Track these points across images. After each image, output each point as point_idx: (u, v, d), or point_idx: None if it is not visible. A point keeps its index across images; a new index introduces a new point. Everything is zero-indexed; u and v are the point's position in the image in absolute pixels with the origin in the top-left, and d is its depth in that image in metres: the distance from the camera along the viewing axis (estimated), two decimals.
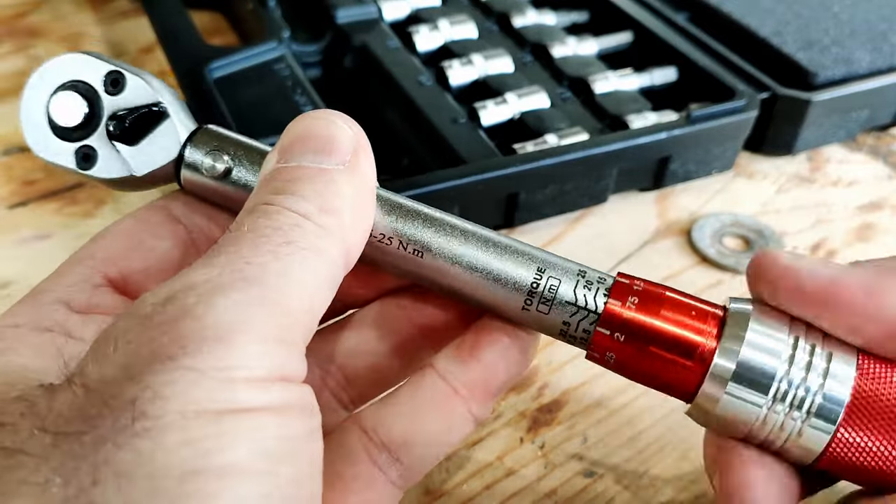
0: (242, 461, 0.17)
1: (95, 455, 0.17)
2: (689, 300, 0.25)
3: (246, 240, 0.20)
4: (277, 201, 0.21)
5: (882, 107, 0.55)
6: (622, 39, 0.57)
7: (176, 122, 0.25)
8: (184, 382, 0.17)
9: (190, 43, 0.49)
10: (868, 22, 0.56)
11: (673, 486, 0.33)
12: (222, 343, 0.18)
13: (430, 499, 0.32)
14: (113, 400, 0.17)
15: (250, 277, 0.19)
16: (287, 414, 0.19)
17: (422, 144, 0.47)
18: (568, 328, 0.24)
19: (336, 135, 0.23)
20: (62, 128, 0.25)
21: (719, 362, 0.23)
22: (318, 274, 0.21)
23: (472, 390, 0.25)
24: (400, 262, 0.24)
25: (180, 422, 0.17)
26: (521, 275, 0.24)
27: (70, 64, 0.25)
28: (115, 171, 0.25)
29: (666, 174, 0.49)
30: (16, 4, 0.64)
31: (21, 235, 0.44)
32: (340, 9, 0.54)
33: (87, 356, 0.19)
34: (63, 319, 0.22)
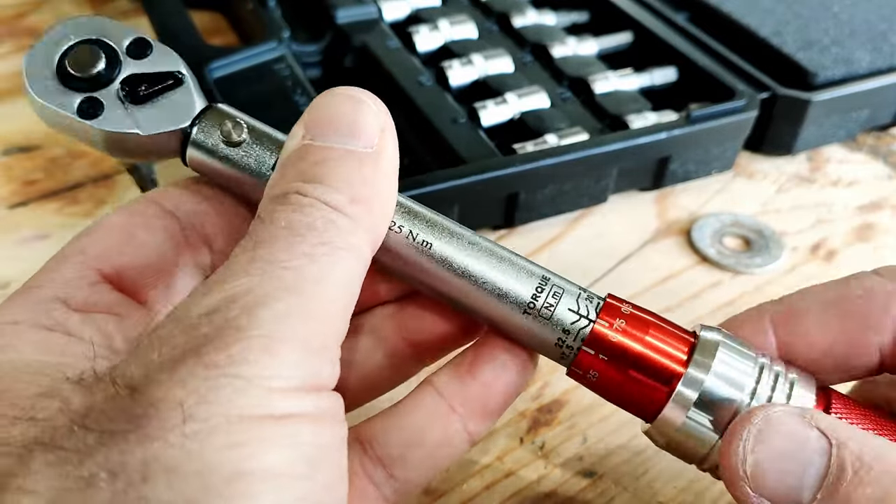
0: (283, 466, 0.18)
1: (144, 452, 0.17)
2: (668, 326, 0.25)
3: (281, 237, 0.20)
4: (309, 191, 0.21)
5: (882, 107, 0.55)
6: (622, 39, 0.57)
7: (194, 92, 0.25)
8: (229, 389, 0.18)
9: (190, 43, 0.49)
10: (868, 22, 0.56)
11: (673, 486, 0.33)
12: (265, 353, 0.18)
13: (430, 499, 0.32)
14: (160, 402, 0.18)
15: (289, 286, 0.19)
16: (321, 422, 0.19)
17: (422, 144, 0.47)
18: (563, 343, 0.24)
19: (364, 116, 0.23)
20: (73, 76, 0.24)
21: (683, 389, 0.24)
22: (352, 272, 0.21)
23: (470, 408, 0.25)
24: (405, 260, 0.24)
25: (226, 426, 0.18)
26: (522, 286, 0.24)
27: (96, 23, 0.25)
28: (119, 126, 0.24)
29: (666, 174, 0.49)
30: (16, 4, 0.64)
31: (21, 235, 0.44)
32: (340, 9, 0.54)
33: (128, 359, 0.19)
34: (63, 318, 0.22)
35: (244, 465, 0.17)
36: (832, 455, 0.21)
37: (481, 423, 0.25)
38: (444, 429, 0.25)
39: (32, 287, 0.23)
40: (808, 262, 0.46)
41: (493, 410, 0.25)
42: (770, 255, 0.45)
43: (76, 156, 0.49)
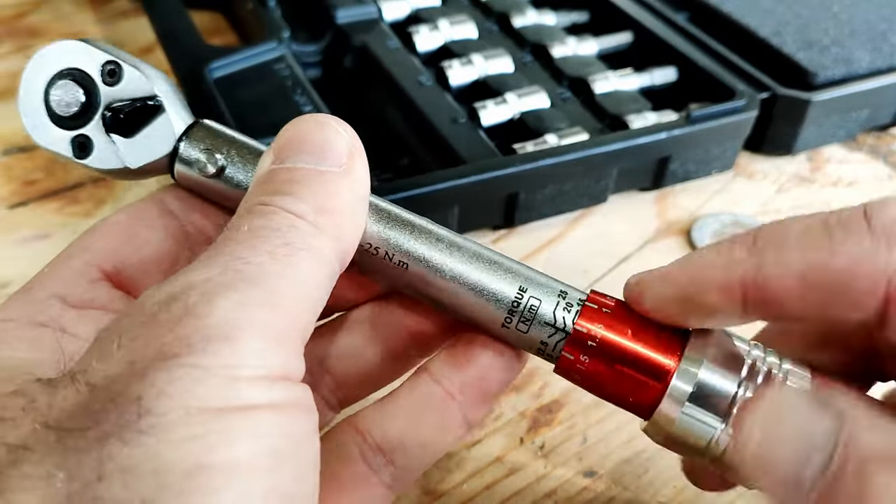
0: (246, 458, 0.17)
1: (100, 450, 0.17)
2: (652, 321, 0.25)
3: (243, 240, 0.20)
4: (274, 202, 0.21)
5: (882, 107, 0.55)
6: (622, 39, 0.57)
7: (172, 116, 0.25)
8: (188, 380, 0.17)
9: (190, 43, 0.49)
10: (868, 22, 0.56)
11: (673, 485, 0.33)
12: (226, 341, 0.18)
13: (430, 499, 0.32)
14: (118, 397, 0.17)
15: (249, 278, 0.19)
16: (289, 412, 0.19)
17: (422, 144, 0.47)
18: (546, 347, 0.24)
19: (331, 138, 0.23)
20: (59, 116, 0.25)
21: (677, 384, 0.24)
22: (315, 274, 0.21)
23: (467, 393, 0.25)
24: (385, 273, 0.25)
25: (185, 418, 0.17)
26: (503, 292, 0.24)
27: (68, 51, 0.25)
28: (110, 163, 0.25)
29: (666, 174, 0.49)
30: (16, 4, 0.64)
31: (21, 235, 0.44)
32: (340, 9, 0.54)
33: (89, 353, 0.19)
34: (58, 315, 0.22)
35: (203, 458, 0.17)
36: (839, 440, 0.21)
37: (479, 407, 0.25)
38: (442, 415, 0.25)
39: (31, 285, 0.23)
40: None
41: (490, 395, 0.25)
42: None
43: None
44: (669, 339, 0.25)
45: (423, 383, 0.25)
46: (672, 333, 0.25)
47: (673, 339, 0.25)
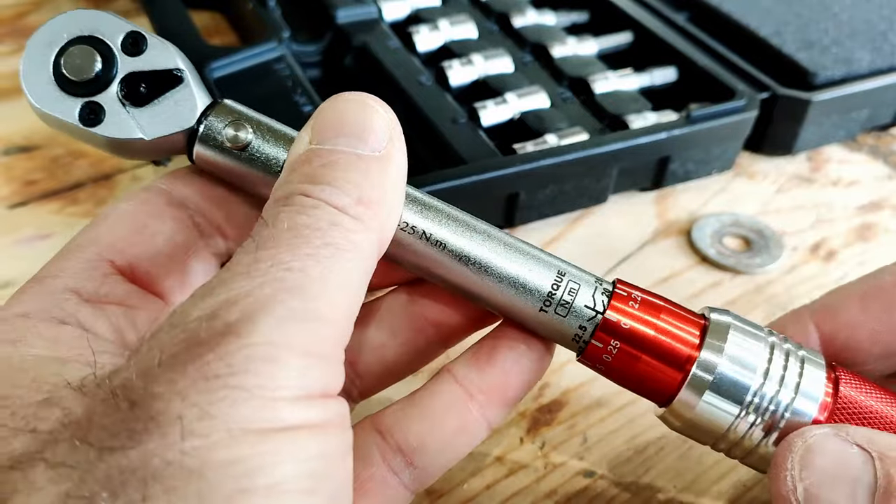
0: (287, 480, 0.18)
1: (144, 470, 0.17)
2: (678, 310, 0.25)
3: (284, 239, 0.20)
4: (315, 193, 0.21)
5: (882, 107, 0.55)
6: (622, 39, 0.57)
7: (195, 91, 0.24)
8: (230, 401, 0.17)
9: (190, 43, 0.49)
10: (868, 22, 0.56)
11: (673, 485, 0.33)
12: (266, 362, 0.18)
13: (431, 499, 0.32)
14: (160, 416, 0.17)
15: (291, 287, 0.19)
16: (326, 431, 0.19)
17: (422, 144, 0.47)
18: (583, 333, 0.24)
19: (372, 120, 0.22)
20: (70, 81, 0.23)
21: (698, 372, 0.24)
22: (357, 274, 0.21)
23: (489, 396, 0.25)
24: (419, 256, 0.24)
25: (227, 441, 0.17)
26: (541, 278, 0.24)
27: (88, 18, 0.24)
28: (122, 132, 0.23)
29: (666, 174, 0.49)
30: (16, 4, 0.64)
31: (21, 235, 0.44)
32: (340, 9, 0.54)
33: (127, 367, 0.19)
34: (74, 310, 0.22)
35: (245, 482, 0.17)
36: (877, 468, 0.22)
37: (499, 410, 0.25)
38: (463, 417, 0.25)
39: (44, 277, 0.23)
40: (808, 262, 0.46)
41: (511, 398, 0.26)
42: (770, 255, 0.45)
43: (76, 156, 0.49)
44: (690, 327, 0.25)
45: (445, 385, 0.25)
46: (692, 320, 0.25)
47: (693, 326, 0.25)
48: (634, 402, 0.37)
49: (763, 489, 0.34)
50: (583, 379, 0.38)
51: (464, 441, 0.25)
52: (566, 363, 0.38)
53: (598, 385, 0.37)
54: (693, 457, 0.34)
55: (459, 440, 0.25)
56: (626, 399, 0.37)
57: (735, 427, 0.24)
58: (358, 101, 0.23)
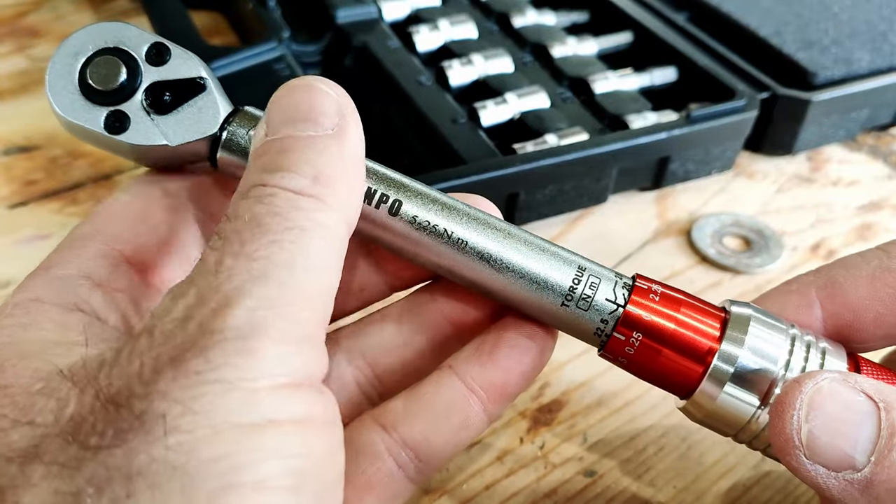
0: (272, 477, 0.18)
1: (129, 467, 0.17)
2: (698, 303, 0.25)
3: (246, 230, 0.20)
4: (270, 181, 0.21)
5: (882, 107, 0.55)
6: (622, 39, 0.57)
7: (217, 98, 0.25)
8: (212, 395, 0.17)
9: (190, 43, 0.49)
10: (868, 22, 0.56)
11: (673, 486, 0.33)
12: (243, 354, 0.18)
13: (431, 499, 0.32)
14: (143, 415, 0.17)
15: (258, 276, 0.19)
16: (311, 428, 0.19)
17: (422, 144, 0.47)
18: (605, 326, 0.25)
19: (320, 101, 0.22)
20: (96, 90, 0.24)
21: (719, 364, 0.24)
22: (325, 252, 0.20)
23: (489, 391, 0.25)
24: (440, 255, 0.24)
25: (212, 436, 0.17)
26: (561, 274, 0.25)
27: (113, 30, 0.25)
28: (147, 139, 0.24)
29: (666, 174, 0.49)
30: (16, 4, 0.64)
31: (21, 235, 0.44)
32: (340, 9, 0.54)
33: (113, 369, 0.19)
34: (87, 296, 0.22)
35: (230, 478, 0.17)
36: (881, 418, 0.22)
37: (500, 405, 0.26)
38: (466, 412, 0.25)
39: (51, 266, 0.23)
40: (808, 262, 0.45)
41: (511, 393, 0.26)
42: (770, 255, 0.45)
43: (76, 156, 0.49)
44: (711, 319, 0.25)
45: (448, 381, 0.25)
46: (712, 312, 0.25)
47: (714, 318, 0.25)
48: (634, 401, 0.37)
49: (763, 489, 0.34)
50: (583, 379, 0.38)
51: (466, 435, 0.26)
52: (566, 363, 0.38)
53: (598, 385, 0.37)
54: (693, 457, 0.34)
55: (461, 434, 0.25)
56: (626, 399, 0.37)
57: (757, 418, 0.24)
58: (304, 85, 0.23)
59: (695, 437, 0.35)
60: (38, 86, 0.55)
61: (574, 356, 0.38)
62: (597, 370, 0.38)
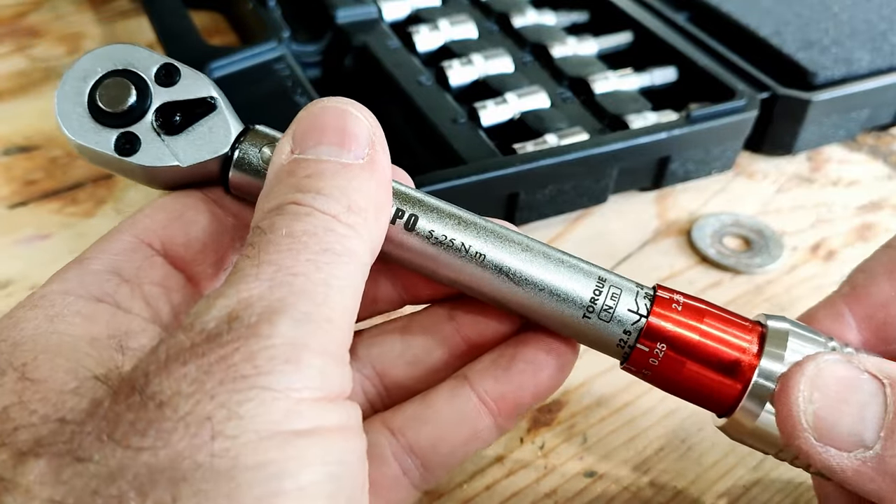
0: (314, 483, 0.18)
1: (173, 471, 0.17)
2: (729, 315, 0.25)
3: (284, 245, 0.20)
4: (306, 201, 0.21)
5: (882, 107, 0.55)
6: (622, 39, 0.57)
7: (228, 118, 0.24)
8: (258, 402, 0.17)
9: (190, 43, 0.49)
10: (868, 22, 0.56)
11: (673, 486, 0.33)
12: (291, 363, 0.18)
13: (430, 499, 0.32)
14: (188, 416, 0.17)
15: (299, 291, 0.19)
16: (347, 435, 0.19)
17: (422, 144, 0.47)
18: (628, 338, 0.24)
19: (353, 127, 0.22)
20: (105, 112, 0.24)
21: (759, 381, 0.24)
22: (354, 279, 0.21)
23: (502, 405, 0.25)
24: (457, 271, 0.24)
25: (257, 443, 0.17)
26: (582, 286, 0.24)
27: (122, 52, 0.24)
28: (158, 160, 0.24)
29: (666, 174, 0.49)
30: (16, 4, 0.64)
31: (21, 235, 0.44)
32: (340, 9, 0.54)
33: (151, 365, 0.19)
34: (113, 290, 0.22)
35: (275, 485, 0.17)
36: (887, 394, 0.22)
37: (511, 419, 0.26)
38: (476, 424, 0.25)
39: (84, 259, 0.23)
40: (808, 262, 0.46)
41: (524, 408, 0.26)
42: (770, 255, 0.45)
43: (76, 156, 0.49)
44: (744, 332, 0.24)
45: (461, 391, 0.25)
46: (746, 326, 0.24)
47: (748, 331, 0.24)
48: (634, 402, 0.37)
49: (762, 489, 0.34)
50: (583, 379, 0.38)
51: (474, 446, 0.25)
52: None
53: (598, 385, 0.37)
54: (693, 457, 0.35)
55: (470, 445, 0.25)
56: (626, 399, 0.37)
57: None
58: (337, 107, 0.23)
59: (695, 437, 0.35)
60: (38, 86, 0.55)
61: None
62: (597, 370, 0.38)
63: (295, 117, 0.23)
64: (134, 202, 0.46)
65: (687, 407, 0.33)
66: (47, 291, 0.22)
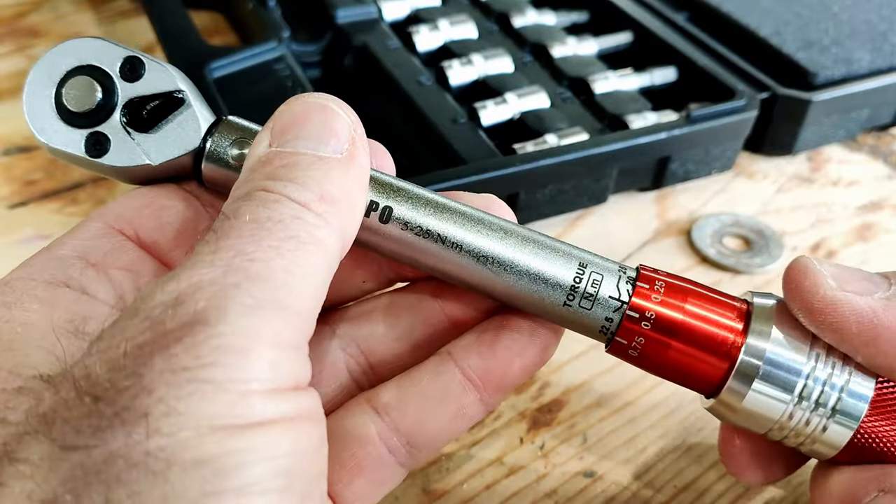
0: (259, 480, 0.17)
1: (107, 472, 0.16)
2: (714, 294, 0.24)
3: (246, 231, 0.19)
4: (276, 188, 0.20)
5: (882, 107, 0.55)
6: (622, 39, 0.57)
7: (197, 111, 0.24)
8: (199, 396, 0.17)
9: (190, 43, 0.49)
10: (868, 22, 0.56)
11: (673, 485, 0.33)
12: (238, 354, 0.17)
13: (430, 499, 0.32)
14: (124, 412, 0.16)
15: (256, 276, 0.18)
16: (299, 426, 0.18)
17: (422, 144, 0.47)
18: (610, 324, 0.24)
19: (333, 123, 0.22)
20: (73, 113, 0.24)
21: (746, 359, 0.23)
22: (321, 269, 0.20)
23: (487, 381, 0.25)
24: (435, 259, 0.24)
25: (195, 439, 0.16)
26: (563, 271, 0.24)
27: (84, 47, 0.24)
28: (129, 160, 0.24)
29: (666, 174, 0.49)
30: (16, 4, 0.64)
31: (21, 235, 0.44)
32: (340, 9, 0.54)
33: (90, 355, 0.18)
34: (78, 274, 0.22)
35: (214, 484, 0.16)
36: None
37: (497, 396, 0.25)
38: (461, 401, 0.25)
39: (53, 245, 0.23)
40: None
41: (510, 385, 0.25)
42: (770, 255, 0.45)
43: None
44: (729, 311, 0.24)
45: (446, 368, 0.25)
46: (731, 305, 0.24)
47: (733, 311, 0.24)
48: (634, 402, 0.37)
49: (763, 489, 0.34)
50: (583, 379, 0.38)
51: (460, 423, 0.25)
52: (566, 363, 0.38)
53: (598, 385, 0.37)
54: (693, 457, 0.34)
55: (456, 423, 0.25)
56: (626, 399, 0.37)
57: (789, 415, 0.23)
58: (318, 103, 0.22)
59: (695, 437, 0.35)
60: None
61: (574, 356, 0.38)
62: (597, 370, 0.38)
63: (275, 112, 0.23)
64: None
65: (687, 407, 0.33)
66: (11, 278, 0.22)
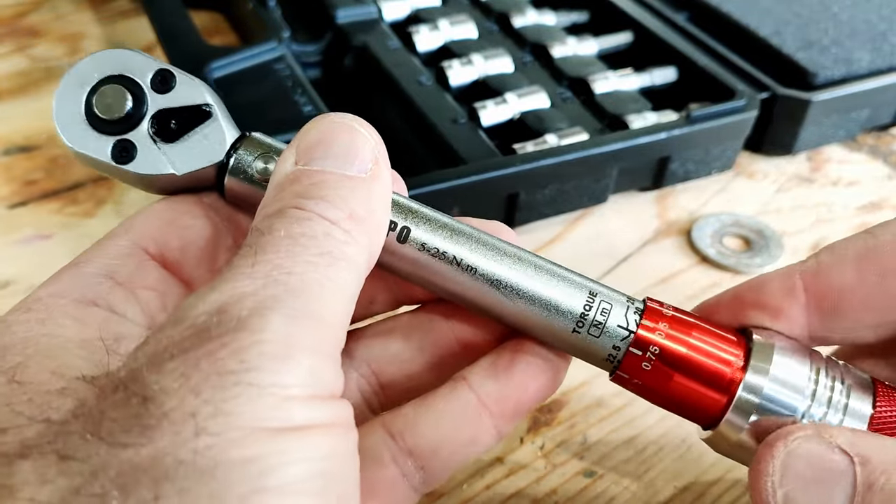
0: (299, 480, 0.17)
1: (155, 469, 0.17)
2: (715, 328, 0.25)
3: (283, 246, 0.20)
4: (308, 206, 0.21)
5: (882, 107, 0.55)
6: (622, 39, 0.57)
7: (223, 125, 0.25)
8: (244, 398, 0.17)
9: (190, 43, 0.49)
10: (868, 22, 0.56)
11: (673, 485, 0.33)
12: (281, 360, 0.18)
13: (430, 499, 0.32)
14: (172, 412, 0.17)
15: (295, 290, 0.19)
16: (335, 431, 0.19)
17: (422, 144, 0.47)
18: (617, 353, 0.24)
19: (358, 143, 0.23)
20: (102, 120, 0.24)
21: (744, 395, 0.24)
22: (351, 284, 0.21)
23: (502, 407, 0.25)
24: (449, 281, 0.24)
25: (241, 439, 0.17)
26: (573, 299, 0.24)
27: (119, 58, 0.24)
28: (154, 168, 0.24)
29: (666, 174, 0.49)
30: (16, 4, 0.64)
31: (21, 235, 0.44)
32: (340, 9, 0.54)
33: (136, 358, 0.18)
34: (106, 293, 0.22)
35: (259, 482, 0.17)
36: (857, 473, 0.22)
37: (510, 421, 0.26)
38: (476, 426, 0.25)
39: (80, 262, 0.23)
40: None
41: (523, 411, 0.26)
42: (770, 255, 0.45)
43: None
44: (731, 347, 0.24)
45: (460, 393, 0.25)
46: (733, 341, 0.25)
47: (735, 345, 0.24)
48: (634, 402, 0.37)
49: None
50: (583, 379, 0.38)
51: (474, 449, 0.25)
52: None
53: (598, 385, 0.37)
54: (693, 457, 0.34)
55: (470, 448, 0.25)
56: (626, 399, 0.37)
57: None
58: (343, 123, 0.23)
59: (694, 437, 0.35)
60: (38, 86, 0.55)
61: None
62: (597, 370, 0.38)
63: (300, 130, 0.23)
64: (134, 203, 0.46)
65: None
66: (41, 295, 0.22)
